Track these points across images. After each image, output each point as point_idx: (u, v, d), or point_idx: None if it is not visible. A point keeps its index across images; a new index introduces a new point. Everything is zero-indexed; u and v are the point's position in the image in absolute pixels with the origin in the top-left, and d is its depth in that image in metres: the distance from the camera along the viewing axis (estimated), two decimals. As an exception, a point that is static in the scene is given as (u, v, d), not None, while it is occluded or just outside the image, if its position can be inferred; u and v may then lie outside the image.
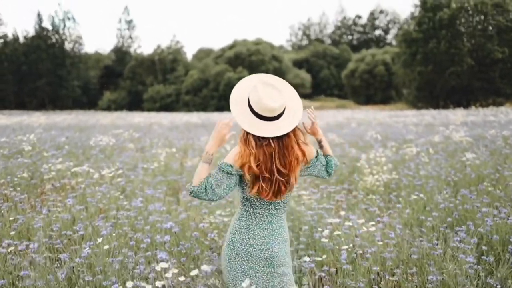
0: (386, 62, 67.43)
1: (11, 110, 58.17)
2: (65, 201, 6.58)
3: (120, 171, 7.35)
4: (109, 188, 6.90)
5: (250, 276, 3.09)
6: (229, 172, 2.98)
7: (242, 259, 3.10)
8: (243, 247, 3.09)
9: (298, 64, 77.00)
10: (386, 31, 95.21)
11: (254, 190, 3.00)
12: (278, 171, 3.00)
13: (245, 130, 3.00)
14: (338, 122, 23.08)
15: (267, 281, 3.11)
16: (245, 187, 3.07)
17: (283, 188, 3.03)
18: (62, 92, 70.88)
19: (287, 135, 3.03)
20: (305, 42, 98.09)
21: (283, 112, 3.03)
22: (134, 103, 67.15)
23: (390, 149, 11.30)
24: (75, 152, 11.16)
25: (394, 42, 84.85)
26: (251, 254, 3.09)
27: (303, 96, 67.46)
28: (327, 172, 3.35)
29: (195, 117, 32.16)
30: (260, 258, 3.10)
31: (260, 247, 3.09)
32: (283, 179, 3.02)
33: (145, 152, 11.95)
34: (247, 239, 3.10)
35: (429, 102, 51.94)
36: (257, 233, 3.10)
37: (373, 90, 68.18)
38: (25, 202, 6.90)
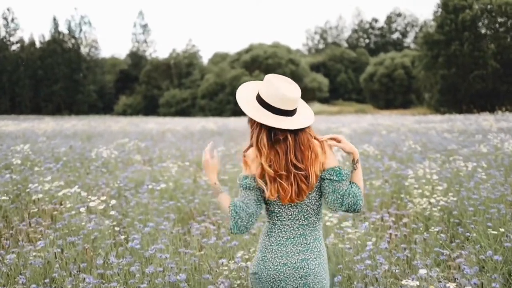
0: (405, 65, 66.69)
1: (26, 115, 57.47)
2: (47, 235, 5.19)
3: (113, 202, 5.84)
4: (101, 219, 5.48)
5: None
6: (249, 185, 2.79)
7: (275, 279, 2.81)
8: (276, 266, 2.82)
9: (315, 68, 76.37)
10: (404, 34, 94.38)
11: (274, 192, 2.76)
12: (295, 166, 2.77)
13: (255, 129, 2.81)
14: (364, 129, 21.52)
15: None
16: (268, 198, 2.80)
17: (303, 186, 2.77)
18: (78, 96, 70.80)
19: (302, 130, 2.82)
20: (321, 45, 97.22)
21: (295, 110, 2.83)
22: (150, 108, 66.71)
23: (435, 162, 9.76)
24: (73, 166, 9.76)
25: (412, 46, 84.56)
26: (284, 274, 2.80)
27: (320, 100, 66.88)
28: (341, 202, 2.80)
29: (211, 122, 30.55)
30: (295, 278, 2.81)
31: (294, 265, 2.81)
32: (301, 174, 2.76)
33: (154, 165, 10.49)
34: (280, 257, 2.82)
35: (452, 107, 50.29)
36: (290, 249, 2.83)
37: (392, 94, 67.40)
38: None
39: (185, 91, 66.12)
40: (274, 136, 2.77)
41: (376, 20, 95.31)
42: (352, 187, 2.82)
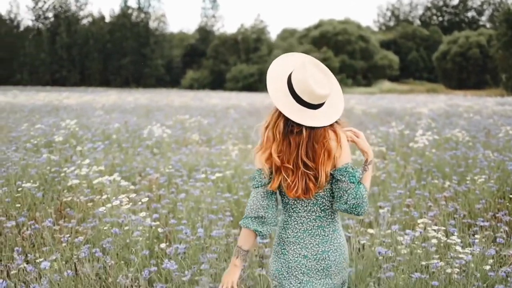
0: (481, 44, 63.76)
1: (95, 87, 58.21)
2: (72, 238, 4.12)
3: (161, 192, 4.68)
4: (142, 217, 4.34)
5: None
6: (259, 182, 2.69)
7: (297, 272, 2.72)
8: (296, 258, 2.73)
9: (386, 45, 74.47)
10: (480, 12, 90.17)
11: (276, 184, 2.65)
12: (304, 164, 2.63)
13: (274, 113, 2.69)
14: (443, 110, 19.72)
15: None
16: (282, 189, 2.71)
17: (311, 185, 2.64)
18: (146, 70, 71.40)
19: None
20: (393, 23, 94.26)
21: (323, 103, 2.65)
22: (217, 83, 66.56)
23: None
24: (120, 145, 8.73)
25: (488, 25, 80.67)
26: (306, 266, 2.72)
27: (390, 78, 65.40)
28: (345, 201, 2.65)
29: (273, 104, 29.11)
30: (317, 270, 2.72)
31: (315, 257, 2.72)
32: (310, 173, 2.63)
33: (212, 147, 9.32)
34: (300, 249, 2.73)
35: (530, 88, 47.30)
36: (308, 241, 2.73)
37: (466, 74, 64.76)
38: (16, 231, 4.52)
39: (252, 66, 65.44)
40: (290, 126, 2.64)
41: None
42: (359, 189, 2.67)
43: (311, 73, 2.61)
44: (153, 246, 4.24)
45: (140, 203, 4.80)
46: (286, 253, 2.75)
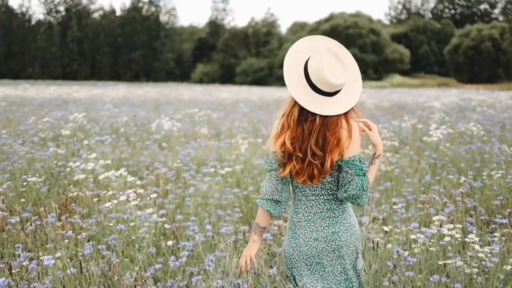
0: (493, 37, 63.30)
1: (106, 81, 58.31)
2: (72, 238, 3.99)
3: (169, 187, 4.53)
4: (149, 212, 4.20)
5: (319, 274, 2.79)
6: (271, 166, 2.80)
7: (308, 255, 2.78)
8: (307, 242, 2.78)
9: (397, 38, 74.01)
10: (493, 5, 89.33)
11: (286, 171, 2.73)
12: (313, 153, 2.68)
13: (291, 101, 2.77)
14: (456, 104, 19.45)
15: (339, 275, 2.80)
16: (292, 174, 2.78)
17: (316, 172, 2.70)
18: (156, 64, 71.38)
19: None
20: (404, 16, 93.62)
21: (340, 90, 2.68)
22: (227, 77, 66.55)
23: None
24: (128, 139, 8.60)
25: (501, 17, 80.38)
26: (316, 249, 2.77)
27: (401, 72, 65.08)
28: (346, 190, 2.71)
29: (289, 93, 28.82)
30: (327, 251, 2.77)
31: (325, 238, 2.76)
32: (316, 162, 2.68)
33: (221, 141, 9.16)
34: (310, 232, 2.78)
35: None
36: (319, 224, 2.78)
37: (478, 67, 64.44)
38: (19, 227, 4.40)
39: (263, 60, 65.47)
40: (304, 114, 2.69)
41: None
42: (362, 181, 2.69)
43: (327, 61, 2.62)
44: (159, 243, 4.11)
45: (148, 198, 4.65)
46: (297, 237, 2.81)
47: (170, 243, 3.91)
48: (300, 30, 71.57)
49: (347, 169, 2.69)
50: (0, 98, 18.93)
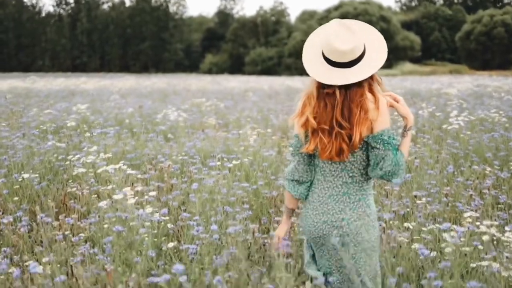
0: (506, 23, 63.29)
1: (115, 72, 58.14)
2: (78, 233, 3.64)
3: (174, 181, 4.15)
4: (149, 210, 3.85)
5: (323, 259, 2.78)
6: (296, 148, 2.79)
7: (314, 235, 2.75)
8: (315, 223, 2.75)
9: (407, 26, 73.87)
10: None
11: (312, 146, 2.67)
12: (339, 124, 2.60)
13: (311, 81, 2.72)
14: (472, 90, 18.93)
15: (335, 263, 2.72)
16: (316, 151, 2.72)
17: (344, 146, 2.61)
18: (165, 55, 71.33)
19: (358, 84, 2.60)
20: (415, 3, 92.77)
21: (358, 60, 2.60)
22: (236, 66, 66.48)
23: None
24: (131, 131, 8.24)
25: (514, 2, 78.83)
26: (323, 231, 2.72)
27: (412, 60, 64.61)
28: (381, 166, 2.62)
29: (298, 81, 28.32)
30: (332, 235, 2.69)
31: (334, 223, 2.70)
32: (344, 133, 2.60)
33: (229, 131, 8.77)
34: (321, 215, 2.74)
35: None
36: (332, 207, 2.72)
37: (490, 54, 64.38)
38: (11, 228, 4.07)
39: (272, 50, 65.45)
40: (323, 89, 2.65)
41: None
42: (396, 154, 2.62)
43: (333, 30, 2.61)
44: (161, 245, 3.75)
45: (147, 196, 4.30)
46: (308, 216, 2.80)
47: (171, 245, 3.55)
48: (309, 18, 71.23)
49: (375, 144, 2.63)
50: (6, 90, 18.69)
